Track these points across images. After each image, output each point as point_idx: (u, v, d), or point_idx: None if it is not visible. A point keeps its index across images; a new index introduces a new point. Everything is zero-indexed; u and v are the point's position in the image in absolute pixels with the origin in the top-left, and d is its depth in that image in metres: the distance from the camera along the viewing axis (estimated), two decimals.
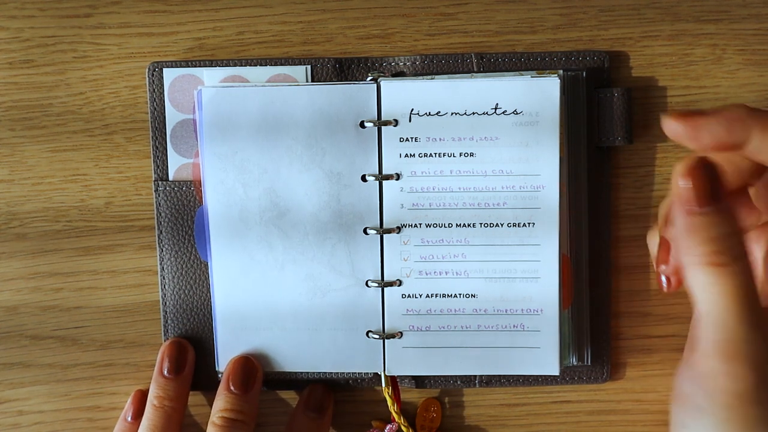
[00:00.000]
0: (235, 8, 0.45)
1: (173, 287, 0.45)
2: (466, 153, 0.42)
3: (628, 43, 0.44)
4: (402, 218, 0.43)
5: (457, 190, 0.43)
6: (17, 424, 0.46)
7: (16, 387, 0.46)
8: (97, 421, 0.46)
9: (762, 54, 0.44)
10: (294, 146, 0.43)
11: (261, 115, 0.43)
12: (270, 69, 0.44)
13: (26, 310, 0.46)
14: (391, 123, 0.43)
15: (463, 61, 0.44)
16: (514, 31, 0.45)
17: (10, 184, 0.45)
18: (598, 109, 0.43)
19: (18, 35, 0.45)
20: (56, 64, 0.45)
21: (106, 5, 0.45)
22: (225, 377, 0.44)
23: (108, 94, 0.45)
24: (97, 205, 0.45)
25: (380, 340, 0.44)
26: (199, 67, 0.44)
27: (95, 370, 0.46)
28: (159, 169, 0.45)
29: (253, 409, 0.43)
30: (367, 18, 0.45)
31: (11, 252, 0.46)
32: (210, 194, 0.43)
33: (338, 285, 0.44)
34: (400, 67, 0.44)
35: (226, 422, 0.42)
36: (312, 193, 0.43)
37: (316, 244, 0.43)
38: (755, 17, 0.44)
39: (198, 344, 0.45)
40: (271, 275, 0.44)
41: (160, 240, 0.45)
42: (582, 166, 0.44)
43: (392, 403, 0.44)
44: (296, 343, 0.44)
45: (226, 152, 0.43)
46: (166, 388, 0.44)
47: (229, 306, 0.44)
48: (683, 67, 0.44)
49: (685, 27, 0.44)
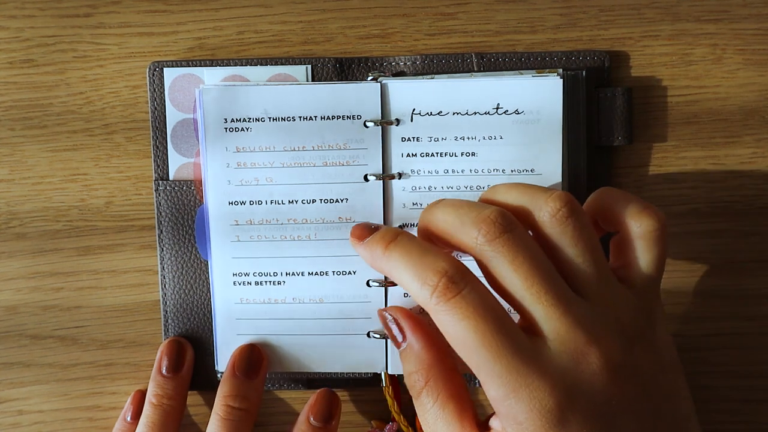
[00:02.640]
0: (235, 8, 0.45)
1: (173, 287, 0.45)
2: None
3: (628, 42, 0.44)
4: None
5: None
6: (17, 424, 0.46)
7: (16, 387, 0.46)
8: (97, 421, 0.46)
9: (762, 54, 0.44)
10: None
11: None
12: (270, 69, 0.44)
13: (26, 310, 0.46)
14: (392, 123, 0.43)
15: (463, 60, 0.44)
16: (514, 31, 0.45)
17: (10, 183, 0.45)
18: (598, 108, 0.43)
19: (18, 35, 0.45)
20: (56, 64, 0.45)
21: (106, 5, 0.45)
22: (230, 363, 0.44)
23: (108, 94, 0.45)
24: (98, 204, 0.45)
25: (381, 339, 0.44)
26: (200, 67, 0.44)
27: (95, 369, 0.46)
28: (159, 168, 0.45)
29: (257, 397, 0.43)
30: (367, 18, 0.45)
31: (11, 252, 0.46)
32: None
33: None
34: (401, 66, 0.44)
35: (229, 413, 0.42)
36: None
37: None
38: (755, 17, 0.44)
39: (198, 344, 0.45)
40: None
41: (161, 240, 0.45)
42: (582, 166, 0.44)
43: (392, 402, 0.44)
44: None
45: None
46: (164, 387, 0.44)
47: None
48: (683, 67, 0.44)
49: (685, 27, 0.44)
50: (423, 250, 0.34)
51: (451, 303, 0.32)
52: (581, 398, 0.31)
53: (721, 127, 0.45)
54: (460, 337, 0.32)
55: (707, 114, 0.45)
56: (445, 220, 0.35)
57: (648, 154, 0.45)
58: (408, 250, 0.34)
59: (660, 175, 0.45)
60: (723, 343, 0.46)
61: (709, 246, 0.45)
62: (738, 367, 0.46)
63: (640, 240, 0.36)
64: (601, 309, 0.33)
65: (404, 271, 0.34)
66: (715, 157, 0.45)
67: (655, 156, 0.45)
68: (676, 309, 0.46)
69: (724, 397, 0.46)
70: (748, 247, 0.45)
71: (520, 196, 0.35)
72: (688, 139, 0.45)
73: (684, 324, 0.46)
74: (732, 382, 0.46)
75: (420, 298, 0.33)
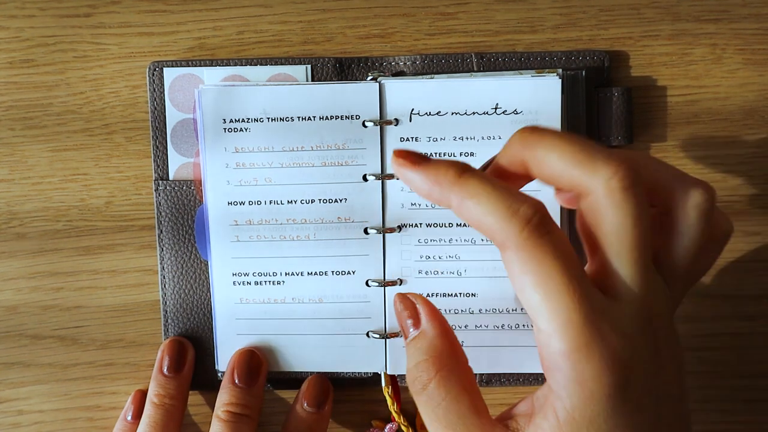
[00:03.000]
0: (235, 8, 0.45)
1: (173, 287, 0.45)
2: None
3: (628, 42, 0.44)
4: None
5: None
6: (17, 424, 0.46)
7: (16, 387, 0.46)
8: (97, 421, 0.46)
9: (762, 54, 0.44)
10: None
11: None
12: (270, 68, 0.44)
13: (26, 310, 0.46)
14: (391, 122, 0.43)
15: (463, 60, 0.44)
16: (514, 31, 0.45)
17: (10, 183, 0.45)
18: (598, 108, 0.43)
19: (18, 35, 0.45)
20: (56, 64, 0.45)
21: (106, 5, 0.45)
22: (229, 370, 0.44)
23: (108, 94, 0.45)
24: (97, 204, 0.45)
25: (381, 339, 0.44)
26: (200, 67, 0.44)
27: (95, 369, 0.46)
28: (159, 168, 0.45)
29: (257, 403, 0.43)
30: (367, 17, 0.45)
31: (11, 252, 0.46)
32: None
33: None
34: (400, 66, 0.44)
35: (230, 416, 0.42)
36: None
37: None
38: (755, 17, 0.44)
39: (198, 344, 0.45)
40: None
41: (161, 239, 0.45)
42: None
43: (392, 402, 0.44)
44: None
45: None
46: (166, 386, 0.44)
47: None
48: (683, 67, 0.44)
49: (685, 27, 0.44)
50: (506, 186, 0.31)
51: (543, 239, 0.30)
52: (641, 366, 0.30)
53: (721, 127, 0.45)
54: (544, 277, 0.30)
55: (707, 114, 0.45)
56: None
57: (648, 153, 0.45)
58: (491, 183, 0.31)
59: None
60: (723, 343, 0.46)
61: None
62: (738, 367, 0.46)
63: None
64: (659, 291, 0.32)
65: (488, 199, 0.30)
66: (715, 157, 0.45)
67: (655, 156, 0.45)
68: (677, 309, 0.45)
69: (724, 397, 0.46)
70: (748, 247, 0.45)
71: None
72: (688, 139, 0.45)
73: (684, 324, 0.46)
74: (732, 382, 0.46)
75: (503, 231, 0.30)
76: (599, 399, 0.29)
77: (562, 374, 0.30)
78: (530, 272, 0.30)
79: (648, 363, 0.30)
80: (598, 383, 0.29)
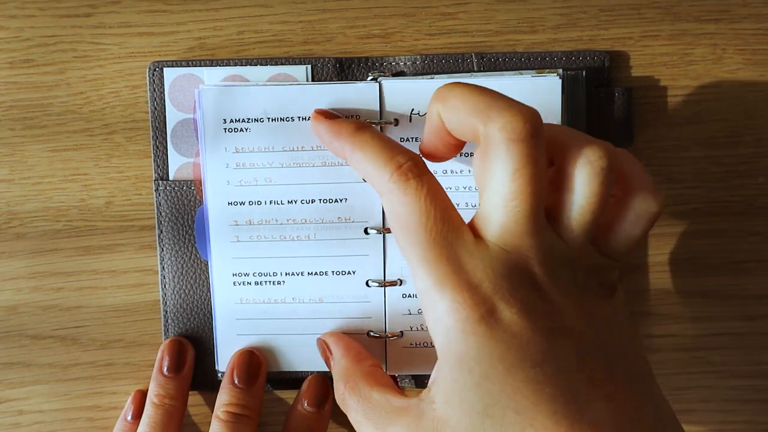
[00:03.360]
0: (235, 8, 0.45)
1: (173, 287, 0.45)
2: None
3: (628, 42, 0.44)
4: None
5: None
6: (17, 424, 0.46)
7: (16, 387, 0.46)
8: (97, 421, 0.46)
9: (762, 54, 0.44)
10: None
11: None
12: (270, 69, 0.44)
13: (26, 310, 0.46)
14: (391, 123, 0.43)
15: (463, 60, 0.44)
16: (514, 31, 0.45)
17: (10, 183, 0.45)
18: (598, 108, 0.43)
19: (18, 35, 0.45)
20: (56, 64, 0.45)
21: (106, 5, 0.45)
22: (229, 371, 0.44)
23: (108, 94, 0.45)
24: (97, 204, 0.45)
25: (381, 339, 0.44)
26: (200, 67, 0.44)
27: (95, 369, 0.46)
28: (159, 168, 0.45)
29: (257, 404, 0.43)
30: (367, 18, 0.45)
31: (11, 252, 0.46)
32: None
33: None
34: (401, 66, 0.44)
35: (230, 416, 0.42)
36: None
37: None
38: (755, 17, 0.44)
39: (198, 344, 0.45)
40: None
41: (161, 239, 0.45)
42: None
43: None
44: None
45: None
46: (166, 387, 0.44)
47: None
48: (683, 67, 0.44)
49: (686, 27, 0.44)
50: (394, 142, 0.35)
51: (407, 183, 0.32)
52: (511, 302, 0.30)
53: (721, 127, 0.45)
54: (404, 217, 0.32)
55: (707, 114, 0.45)
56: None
57: (648, 154, 0.45)
58: (380, 137, 0.35)
59: (660, 175, 0.45)
60: (723, 343, 0.46)
61: (709, 246, 0.45)
62: (738, 367, 0.46)
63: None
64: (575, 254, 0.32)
65: (372, 149, 0.34)
66: (715, 157, 0.45)
67: (655, 156, 0.45)
68: (676, 309, 0.46)
69: (724, 397, 0.46)
70: (748, 247, 0.45)
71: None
72: (688, 139, 0.45)
73: (684, 324, 0.46)
74: (732, 382, 0.46)
75: (378, 179, 0.33)
76: (459, 334, 0.29)
77: (425, 313, 0.31)
78: (394, 214, 0.32)
79: (521, 301, 0.30)
80: (453, 318, 0.30)
